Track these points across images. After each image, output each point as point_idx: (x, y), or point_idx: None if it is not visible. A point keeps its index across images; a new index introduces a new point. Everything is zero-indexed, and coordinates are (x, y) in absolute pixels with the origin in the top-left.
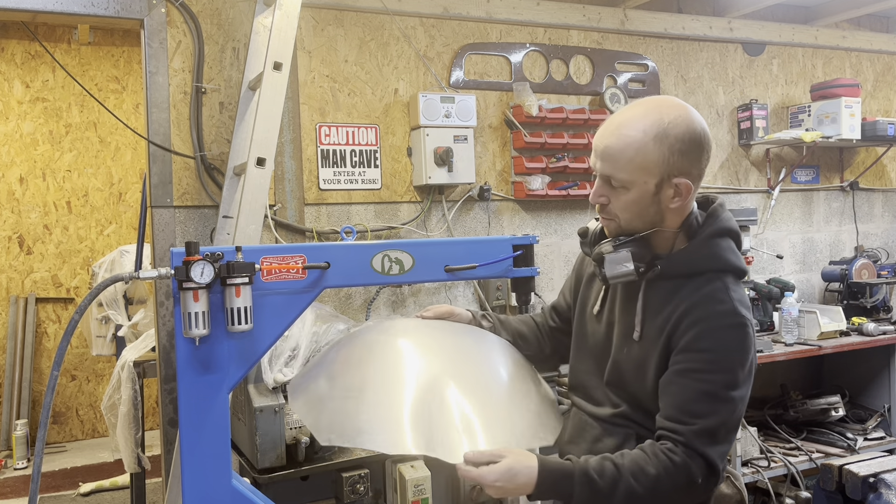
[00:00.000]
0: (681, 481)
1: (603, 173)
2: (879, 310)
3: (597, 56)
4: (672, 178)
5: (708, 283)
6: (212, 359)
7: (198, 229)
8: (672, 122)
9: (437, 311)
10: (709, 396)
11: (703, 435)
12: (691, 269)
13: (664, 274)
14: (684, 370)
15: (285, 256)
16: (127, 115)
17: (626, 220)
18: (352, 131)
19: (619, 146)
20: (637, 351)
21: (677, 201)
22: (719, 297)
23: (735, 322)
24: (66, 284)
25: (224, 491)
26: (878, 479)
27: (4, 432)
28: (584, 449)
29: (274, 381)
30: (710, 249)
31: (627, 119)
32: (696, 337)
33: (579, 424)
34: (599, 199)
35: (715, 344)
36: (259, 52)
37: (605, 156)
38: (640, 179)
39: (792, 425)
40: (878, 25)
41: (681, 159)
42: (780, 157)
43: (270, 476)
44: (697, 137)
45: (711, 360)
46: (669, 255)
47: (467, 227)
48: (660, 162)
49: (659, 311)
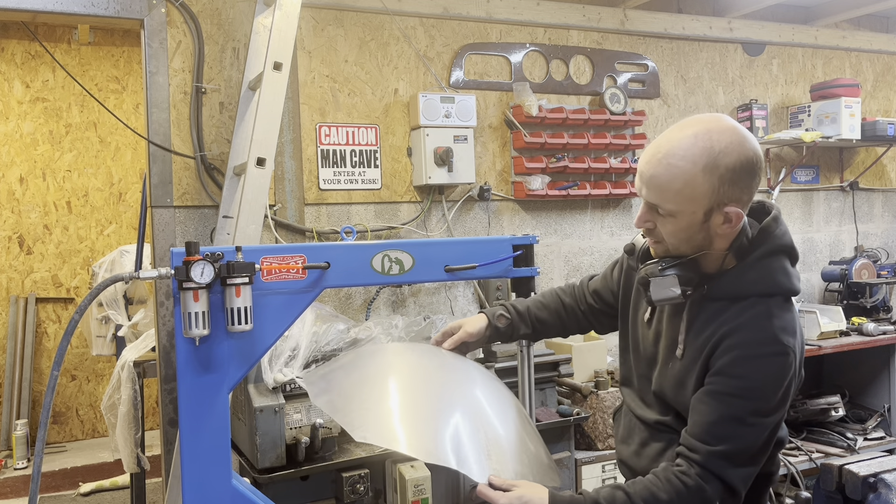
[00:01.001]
0: (688, 496)
1: (649, 201)
2: (879, 310)
3: (597, 56)
4: (723, 207)
5: (752, 307)
6: (212, 359)
7: (198, 229)
8: (723, 150)
9: (456, 340)
10: (735, 421)
11: (721, 457)
12: (738, 293)
13: (710, 295)
14: (715, 391)
15: (285, 256)
16: (127, 115)
17: (674, 245)
18: (352, 131)
19: (667, 177)
20: (679, 368)
21: (727, 227)
22: (761, 325)
23: (774, 350)
24: (66, 284)
25: (224, 491)
26: (878, 479)
27: (4, 432)
28: (633, 450)
29: (274, 381)
30: (759, 272)
31: (675, 147)
32: (731, 362)
33: (629, 425)
34: (645, 225)
35: (749, 371)
36: (259, 52)
37: (651, 185)
38: (688, 210)
39: (792, 425)
40: (878, 25)
41: (731, 188)
42: (780, 157)
43: (270, 476)
44: (749, 165)
45: (743, 387)
46: (717, 277)
47: (467, 227)
48: (709, 193)
49: (702, 332)
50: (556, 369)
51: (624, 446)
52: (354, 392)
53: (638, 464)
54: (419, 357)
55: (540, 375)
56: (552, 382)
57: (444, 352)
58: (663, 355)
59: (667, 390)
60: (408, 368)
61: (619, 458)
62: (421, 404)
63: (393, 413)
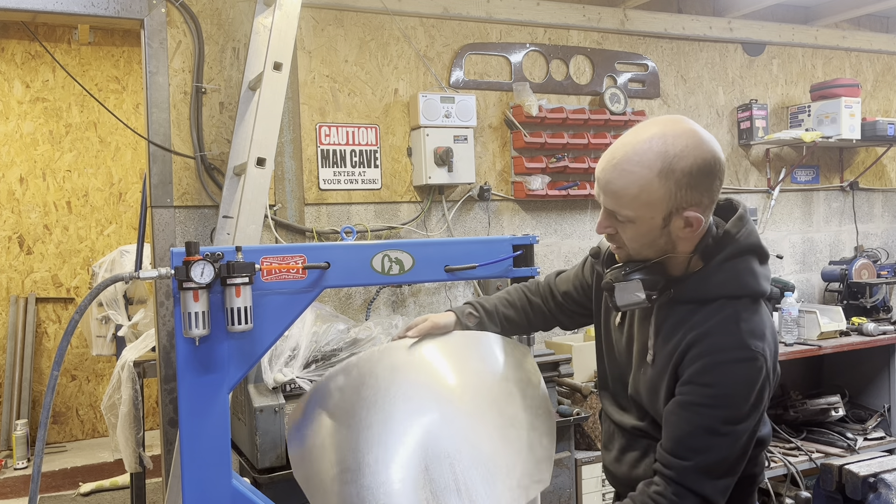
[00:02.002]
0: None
1: (606, 206)
2: (879, 310)
3: (597, 56)
4: (682, 212)
5: (720, 310)
6: (212, 359)
7: (198, 229)
8: (679, 154)
9: (422, 329)
10: (708, 431)
11: (695, 472)
12: (705, 296)
13: (677, 299)
14: (685, 402)
15: (285, 256)
16: (127, 115)
17: (635, 250)
18: (352, 131)
19: (622, 183)
20: (651, 374)
21: (688, 231)
22: (729, 329)
23: (742, 356)
24: (66, 284)
25: (224, 491)
26: (878, 479)
27: (4, 432)
28: (613, 456)
29: (274, 381)
30: (726, 274)
31: (630, 152)
32: (700, 370)
33: (609, 431)
34: (606, 231)
35: (718, 379)
36: (259, 52)
37: (608, 191)
38: (646, 216)
39: (792, 425)
40: (878, 25)
41: (689, 192)
42: (779, 157)
43: (270, 476)
44: (707, 167)
45: (713, 396)
46: (683, 280)
47: (467, 227)
48: (666, 198)
49: (670, 337)
50: (556, 369)
51: (606, 452)
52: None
53: (619, 470)
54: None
55: None
56: (552, 382)
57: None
58: (636, 360)
59: (642, 395)
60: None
61: (603, 463)
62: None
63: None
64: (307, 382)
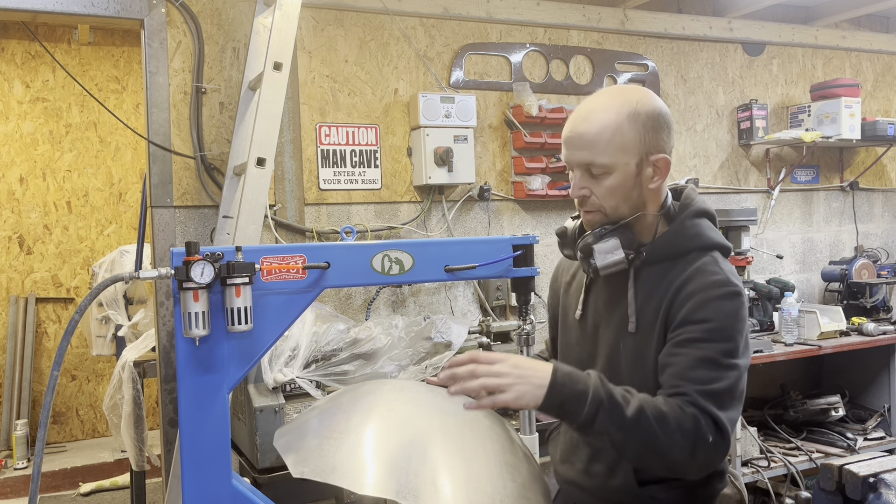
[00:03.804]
0: (688, 426)
1: (582, 162)
2: (879, 310)
3: (597, 56)
4: (650, 156)
5: (696, 259)
6: (212, 359)
7: (198, 229)
8: (640, 101)
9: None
10: (711, 363)
11: (707, 396)
12: (678, 250)
13: (651, 258)
14: (683, 340)
15: (285, 256)
16: (127, 115)
17: (612, 206)
18: (352, 131)
19: (596, 130)
20: (633, 342)
21: (657, 180)
22: (711, 270)
23: (730, 291)
24: (66, 284)
25: (224, 491)
26: (878, 479)
27: (4, 432)
28: (580, 469)
29: (274, 381)
30: (693, 230)
31: (595, 106)
32: (692, 308)
33: (572, 442)
34: (581, 192)
35: (712, 314)
36: (259, 52)
37: (582, 143)
38: (621, 161)
39: (792, 425)
40: (878, 25)
41: (654, 136)
42: (780, 157)
43: (270, 476)
44: (664, 115)
45: (710, 330)
46: (654, 240)
47: (467, 227)
48: (637, 140)
49: (652, 296)
50: None
51: (567, 466)
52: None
53: (589, 482)
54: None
55: None
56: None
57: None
58: (610, 342)
59: (622, 372)
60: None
61: (565, 479)
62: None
63: (339, 448)
64: (307, 382)
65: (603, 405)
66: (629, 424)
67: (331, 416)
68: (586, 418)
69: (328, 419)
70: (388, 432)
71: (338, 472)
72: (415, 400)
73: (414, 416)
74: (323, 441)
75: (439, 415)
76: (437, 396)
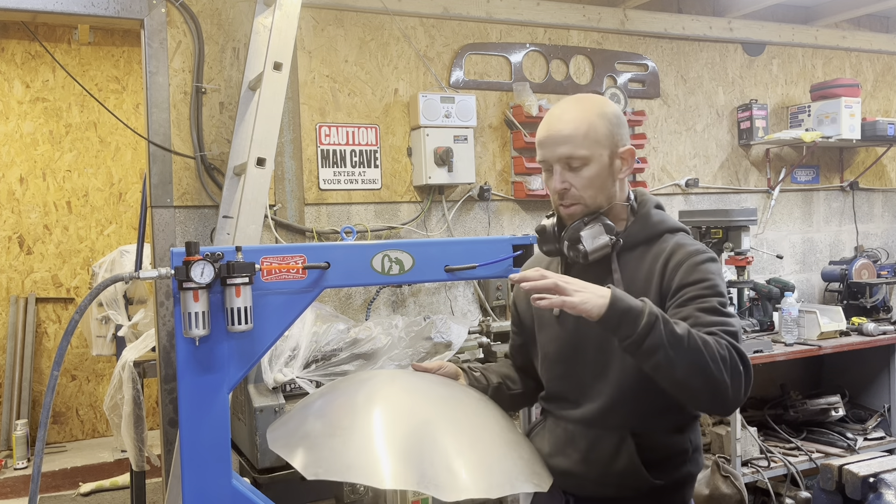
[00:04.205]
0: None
1: (562, 156)
2: (879, 310)
3: (597, 56)
4: (618, 149)
5: (668, 239)
6: (212, 359)
7: (198, 229)
8: (601, 103)
9: (428, 365)
10: (717, 312)
11: (729, 335)
12: (649, 234)
13: (628, 243)
14: (687, 300)
15: (285, 256)
16: (127, 115)
17: (591, 196)
18: (352, 131)
19: (572, 127)
20: None
21: (626, 170)
22: (687, 242)
23: (710, 256)
24: (66, 284)
25: (224, 491)
26: (878, 479)
27: (4, 432)
28: (578, 458)
29: (274, 381)
30: (657, 217)
31: (566, 109)
32: (685, 273)
33: (562, 437)
34: (563, 186)
35: (704, 274)
36: (259, 52)
37: (560, 140)
38: (596, 153)
39: (792, 425)
40: (878, 25)
41: (619, 130)
42: (780, 157)
43: (270, 476)
44: (621, 113)
45: (707, 286)
46: (627, 227)
47: (467, 227)
48: (608, 135)
49: (635, 277)
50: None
51: (561, 458)
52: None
53: (590, 471)
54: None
55: None
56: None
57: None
58: (598, 330)
59: (613, 360)
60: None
61: (558, 471)
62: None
63: (348, 445)
64: (307, 382)
65: (658, 320)
66: (681, 341)
67: (329, 413)
68: (642, 330)
69: (327, 416)
70: (392, 424)
71: (354, 469)
72: (409, 388)
73: (413, 404)
74: (328, 439)
75: (437, 401)
76: (430, 382)
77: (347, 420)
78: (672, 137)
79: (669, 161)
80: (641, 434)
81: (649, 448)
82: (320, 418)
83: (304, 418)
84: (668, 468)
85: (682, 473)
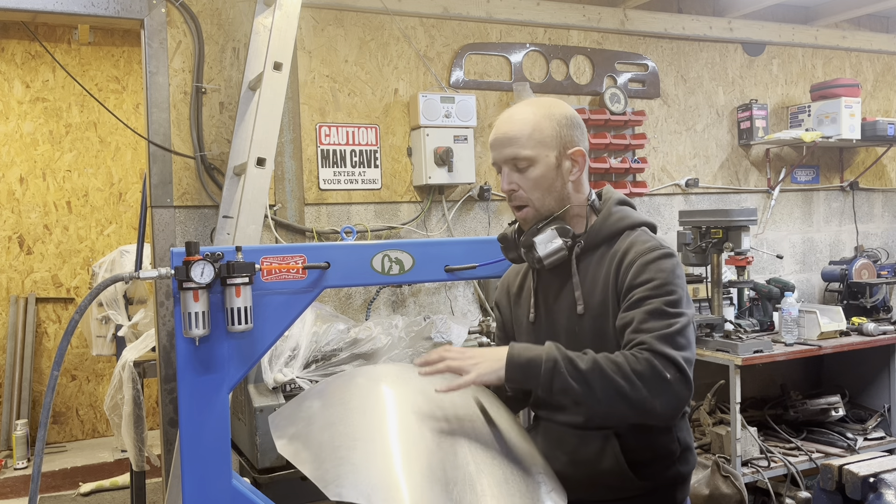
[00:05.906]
0: (642, 368)
1: (508, 157)
2: (879, 310)
3: (597, 56)
4: (567, 150)
5: (628, 236)
6: (212, 359)
7: (198, 229)
8: (552, 105)
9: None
10: (660, 314)
11: (661, 340)
12: (609, 233)
13: (589, 245)
14: (633, 302)
15: (285, 256)
16: (127, 115)
17: (538, 198)
18: (352, 131)
19: (518, 128)
20: (589, 325)
21: (576, 172)
22: (643, 239)
23: (664, 252)
24: (66, 284)
25: (224, 491)
26: (878, 479)
27: (4, 432)
28: (567, 460)
29: (274, 381)
30: (619, 213)
31: (516, 111)
32: (635, 273)
33: (552, 439)
34: (510, 186)
35: (653, 273)
36: (259, 52)
37: (506, 140)
38: (541, 153)
39: (792, 425)
40: (878, 25)
41: (569, 132)
42: (780, 157)
43: (270, 476)
44: (575, 116)
45: (654, 286)
46: (587, 229)
47: (467, 227)
48: (554, 136)
49: (596, 278)
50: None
51: (551, 460)
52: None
53: (577, 472)
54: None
55: None
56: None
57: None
58: (567, 328)
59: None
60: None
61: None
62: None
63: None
64: (307, 382)
65: (558, 362)
66: (587, 376)
67: (337, 423)
68: (545, 377)
69: (336, 428)
70: (409, 439)
71: (380, 491)
72: (413, 390)
73: (421, 413)
74: (348, 452)
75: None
76: (429, 384)
77: (362, 431)
78: (672, 137)
79: (669, 161)
80: (625, 434)
81: (634, 448)
82: (328, 430)
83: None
84: (656, 469)
85: (671, 473)
